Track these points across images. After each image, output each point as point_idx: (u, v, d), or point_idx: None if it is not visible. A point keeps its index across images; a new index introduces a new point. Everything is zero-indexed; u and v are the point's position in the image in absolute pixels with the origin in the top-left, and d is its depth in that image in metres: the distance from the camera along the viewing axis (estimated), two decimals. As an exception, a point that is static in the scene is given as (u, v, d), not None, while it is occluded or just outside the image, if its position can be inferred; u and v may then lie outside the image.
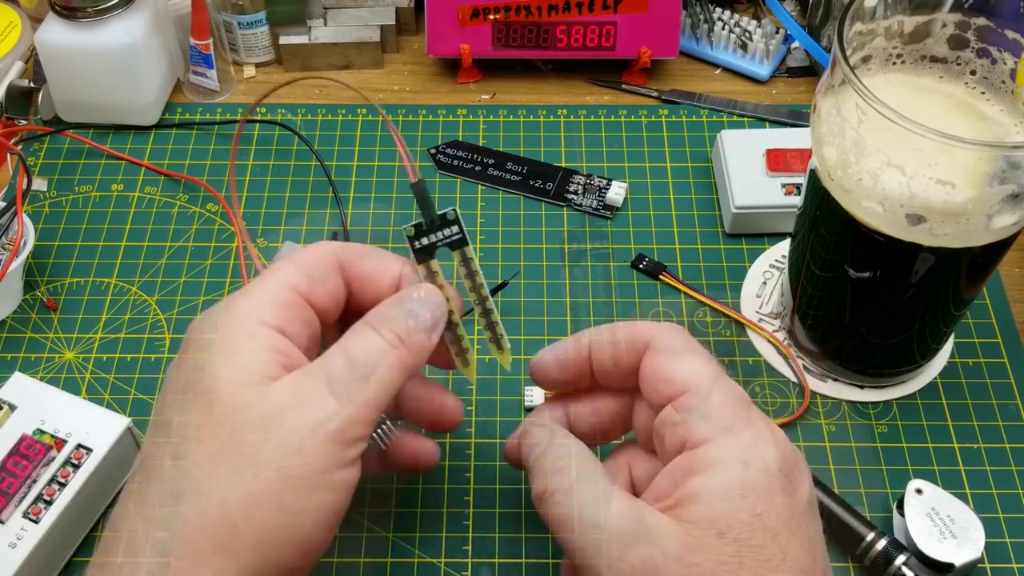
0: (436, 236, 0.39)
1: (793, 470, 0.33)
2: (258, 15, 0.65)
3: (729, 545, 0.31)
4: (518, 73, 0.67)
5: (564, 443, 0.36)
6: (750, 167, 0.57)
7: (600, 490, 0.34)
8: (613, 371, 0.38)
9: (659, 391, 0.35)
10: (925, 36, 0.43)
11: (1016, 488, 0.47)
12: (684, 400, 0.34)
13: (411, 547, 0.45)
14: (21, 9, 0.66)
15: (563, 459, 0.35)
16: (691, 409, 0.34)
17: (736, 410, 0.34)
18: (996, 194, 0.38)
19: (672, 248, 0.57)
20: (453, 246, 0.39)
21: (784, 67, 0.67)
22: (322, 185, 0.60)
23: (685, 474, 0.33)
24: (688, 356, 0.36)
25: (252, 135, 0.63)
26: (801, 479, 0.33)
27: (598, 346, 0.38)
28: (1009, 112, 0.42)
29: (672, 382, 0.35)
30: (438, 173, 0.61)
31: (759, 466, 0.32)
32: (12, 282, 0.53)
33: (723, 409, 0.34)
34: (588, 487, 0.34)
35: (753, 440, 0.33)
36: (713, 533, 0.31)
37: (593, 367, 0.38)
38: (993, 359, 0.52)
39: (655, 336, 0.36)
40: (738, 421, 0.34)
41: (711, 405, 0.34)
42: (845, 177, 0.40)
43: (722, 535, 0.31)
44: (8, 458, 0.43)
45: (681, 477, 0.33)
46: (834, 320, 0.48)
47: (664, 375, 0.35)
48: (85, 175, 0.60)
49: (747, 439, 0.33)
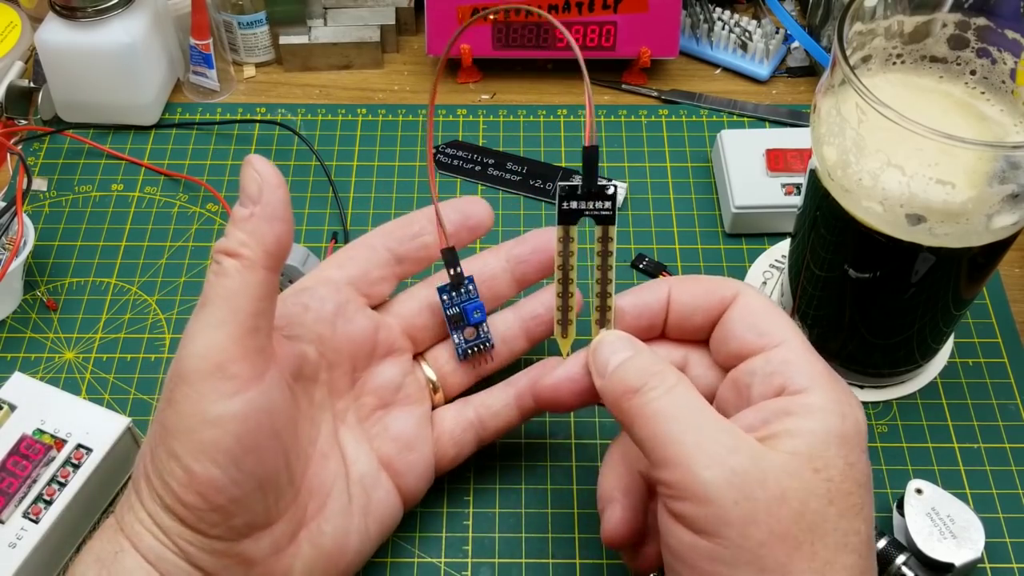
0: (587, 204, 0.38)
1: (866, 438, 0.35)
2: (258, 15, 0.65)
3: (823, 483, 0.32)
4: (518, 73, 0.67)
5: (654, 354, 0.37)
6: (750, 167, 0.57)
7: (700, 398, 0.35)
8: (694, 318, 0.39)
9: (749, 342, 0.36)
10: (925, 36, 0.43)
11: (1016, 488, 0.47)
12: (779, 352, 0.36)
13: (411, 547, 0.45)
14: (21, 9, 0.66)
15: (660, 365, 0.36)
16: (787, 360, 0.35)
17: (826, 369, 0.35)
18: (996, 194, 0.38)
19: (672, 248, 0.57)
20: (599, 220, 0.38)
21: (784, 67, 0.67)
22: (322, 185, 0.60)
23: (781, 414, 0.34)
24: (778, 314, 0.37)
25: (252, 135, 0.63)
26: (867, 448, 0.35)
27: (681, 291, 0.39)
28: (1009, 112, 0.42)
29: (765, 334, 0.36)
30: (438, 173, 0.61)
31: (854, 422, 0.34)
32: (12, 282, 0.53)
33: (817, 365, 0.35)
34: (687, 390, 0.35)
35: (848, 398, 0.35)
36: (809, 468, 0.32)
37: (670, 314, 0.39)
38: (993, 359, 0.52)
39: (743, 291, 0.38)
40: (832, 379, 0.35)
41: (807, 360, 0.35)
42: (845, 177, 0.40)
43: (817, 472, 0.32)
44: (8, 458, 0.43)
45: (775, 416, 0.34)
46: (834, 320, 0.48)
47: (754, 325, 0.37)
48: (85, 175, 0.60)
49: (843, 396, 0.34)
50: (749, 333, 0.37)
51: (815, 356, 0.36)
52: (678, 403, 0.34)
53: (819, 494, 0.32)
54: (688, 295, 0.39)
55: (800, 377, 0.35)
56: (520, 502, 0.47)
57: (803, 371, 0.35)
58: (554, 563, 0.45)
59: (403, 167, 0.61)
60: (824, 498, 0.32)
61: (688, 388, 0.35)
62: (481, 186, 0.60)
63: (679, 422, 0.33)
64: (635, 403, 0.34)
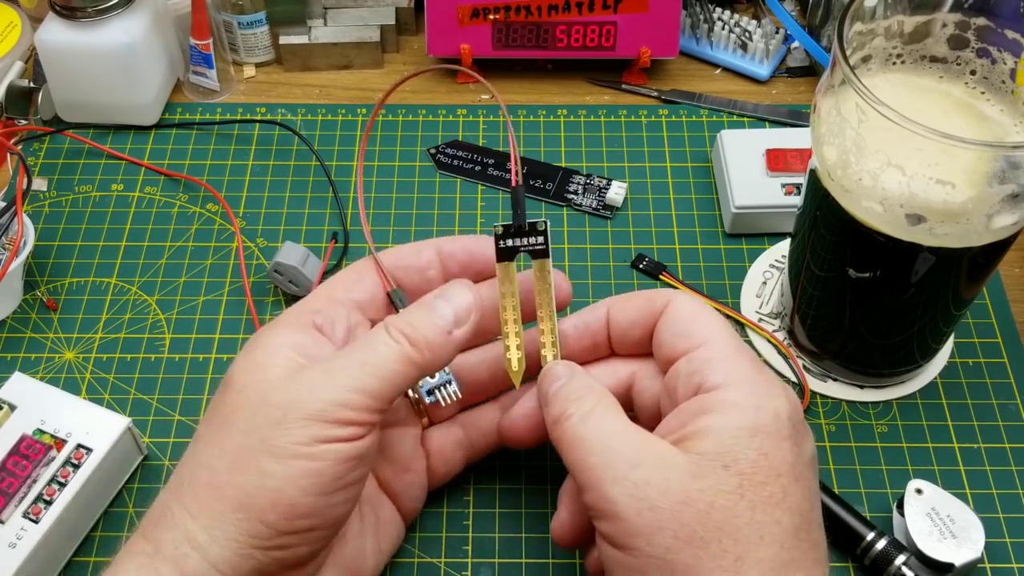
0: (522, 240, 0.41)
1: (800, 424, 0.35)
2: (258, 15, 0.65)
3: (733, 477, 0.33)
4: (518, 73, 0.67)
5: (585, 378, 0.38)
6: (750, 167, 0.57)
7: (614, 418, 0.36)
8: (632, 333, 0.40)
9: (675, 346, 0.37)
10: (925, 36, 0.43)
11: (1016, 488, 0.47)
12: (700, 351, 0.37)
13: (411, 547, 0.45)
14: (21, 9, 0.66)
15: (583, 390, 0.37)
16: (707, 359, 0.36)
17: (750, 363, 0.36)
18: (996, 194, 0.38)
19: (672, 248, 0.57)
20: (535, 255, 0.41)
21: (784, 67, 0.67)
22: (322, 185, 0.60)
23: (696, 414, 0.35)
24: (704, 316, 0.38)
25: (252, 135, 0.63)
26: (806, 435, 0.35)
27: (618, 308, 0.40)
28: (1009, 112, 0.42)
29: (689, 336, 0.37)
30: (438, 173, 0.61)
31: (770, 411, 0.34)
32: (12, 282, 0.53)
33: (738, 361, 0.36)
34: (603, 413, 0.36)
35: (766, 389, 0.35)
36: (719, 465, 0.33)
37: (611, 331, 0.40)
38: (993, 359, 0.52)
39: (673, 298, 0.39)
40: (752, 372, 0.36)
41: (726, 356, 0.36)
42: (845, 177, 0.40)
43: (727, 468, 0.33)
44: (8, 458, 0.43)
45: (691, 416, 0.35)
46: (834, 320, 0.48)
47: (681, 330, 0.38)
48: (85, 175, 0.60)
49: (760, 387, 0.35)
50: (676, 338, 0.38)
51: (739, 352, 0.36)
52: (590, 427, 0.36)
53: (728, 490, 0.32)
54: (624, 311, 0.40)
55: (716, 374, 0.35)
56: (520, 502, 0.47)
57: (720, 368, 0.36)
58: (554, 563, 0.45)
59: (403, 167, 0.61)
60: (734, 493, 0.32)
61: (604, 409, 0.36)
62: (481, 186, 0.60)
63: (590, 447, 0.35)
64: (557, 432, 0.37)
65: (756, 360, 0.37)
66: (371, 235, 0.45)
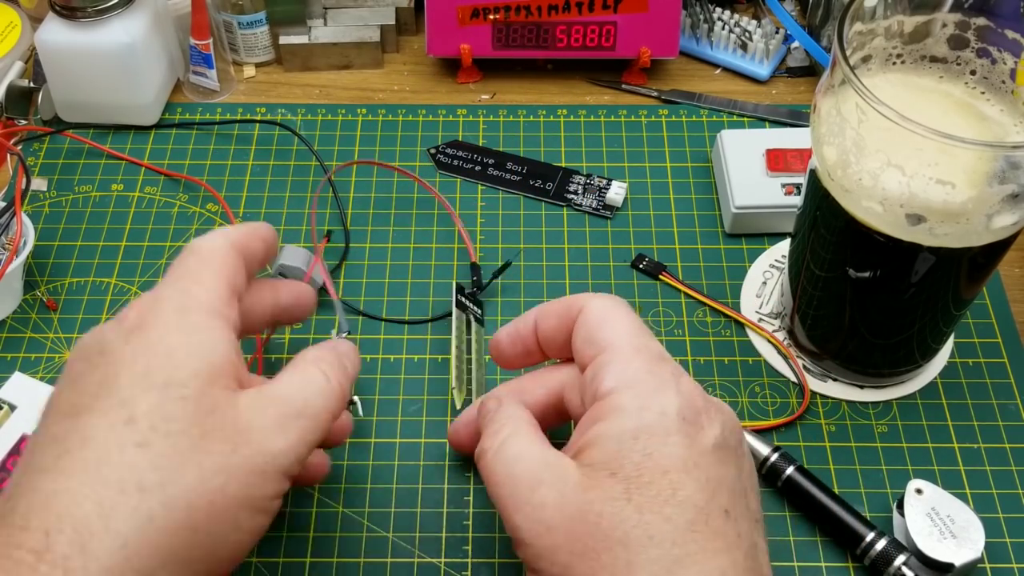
0: (470, 304, 0.52)
1: (699, 415, 0.34)
2: (258, 15, 0.65)
3: (620, 483, 0.33)
4: (518, 73, 0.67)
5: (507, 409, 0.38)
6: (750, 167, 0.57)
7: (522, 445, 0.36)
8: (556, 339, 0.40)
9: (584, 353, 0.37)
10: (925, 36, 0.43)
11: (1016, 488, 0.47)
12: (601, 357, 0.36)
13: (411, 547, 0.45)
14: (21, 9, 0.66)
15: (500, 422, 0.37)
16: (604, 364, 0.36)
17: (646, 364, 0.35)
18: (996, 194, 0.38)
19: (672, 248, 0.57)
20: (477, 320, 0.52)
21: (784, 67, 0.67)
22: (322, 185, 0.60)
23: (589, 424, 0.35)
24: (610, 320, 0.37)
25: (252, 135, 0.63)
26: (709, 424, 0.34)
27: (543, 316, 0.40)
28: (1009, 112, 0.42)
29: (593, 343, 0.37)
30: (438, 173, 0.61)
31: (655, 411, 0.34)
32: (12, 282, 0.53)
33: (632, 363, 0.35)
34: (514, 442, 0.36)
35: (653, 389, 0.35)
36: (606, 473, 0.33)
37: (540, 338, 0.41)
38: (993, 359, 0.52)
39: (586, 303, 0.38)
40: (642, 373, 0.35)
41: (622, 361, 0.36)
42: (845, 177, 0.40)
43: (614, 474, 0.33)
44: (8, 458, 0.43)
45: (587, 426, 0.35)
46: (834, 320, 0.48)
47: (587, 337, 0.37)
48: (85, 175, 0.60)
49: (647, 388, 0.35)
50: (584, 345, 0.38)
51: (636, 353, 0.36)
52: (500, 459, 0.36)
53: (615, 496, 0.32)
54: (547, 318, 0.40)
55: (608, 379, 0.35)
56: (520, 502, 0.47)
57: (612, 373, 0.35)
58: (554, 563, 0.45)
59: (403, 167, 0.61)
60: (622, 499, 0.32)
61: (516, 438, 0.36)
62: (481, 186, 0.60)
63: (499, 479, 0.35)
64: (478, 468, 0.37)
65: (655, 357, 0.36)
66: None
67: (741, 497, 0.34)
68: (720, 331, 0.53)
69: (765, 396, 0.50)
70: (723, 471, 0.34)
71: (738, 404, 0.50)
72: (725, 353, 0.52)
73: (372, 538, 0.45)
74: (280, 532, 0.45)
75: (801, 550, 0.45)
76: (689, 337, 0.53)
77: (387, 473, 0.47)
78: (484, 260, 0.56)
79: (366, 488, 0.47)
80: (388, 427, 0.49)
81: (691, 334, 0.53)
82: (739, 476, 0.35)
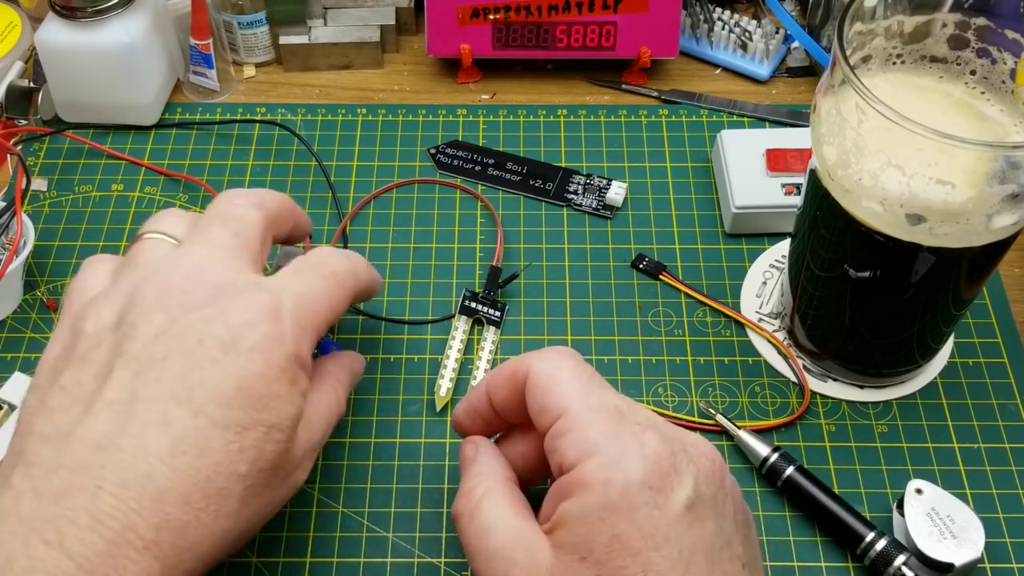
0: (482, 308, 0.53)
1: (667, 477, 0.33)
2: (258, 15, 0.65)
3: (590, 569, 0.32)
4: (518, 73, 0.67)
5: (481, 463, 0.38)
6: (750, 167, 0.57)
7: (498, 513, 0.35)
8: (512, 407, 0.38)
9: (540, 422, 0.36)
10: (925, 36, 0.43)
11: (1016, 488, 0.47)
12: (557, 425, 0.35)
13: (411, 547, 0.45)
14: (21, 9, 0.66)
15: (474, 480, 0.37)
16: (562, 434, 0.34)
17: (604, 426, 0.34)
18: (996, 194, 0.38)
19: (672, 248, 0.57)
20: (489, 322, 0.52)
21: (784, 67, 0.67)
22: (322, 185, 0.60)
23: (558, 498, 0.34)
24: (557, 381, 0.36)
25: (252, 135, 0.63)
26: (679, 485, 0.33)
27: (494, 388, 0.39)
28: (1009, 112, 0.42)
29: (546, 410, 0.35)
30: (438, 173, 0.61)
31: (619, 484, 0.32)
32: (12, 282, 0.53)
33: (591, 429, 0.34)
34: (487, 508, 0.35)
35: (615, 457, 0.33)
36: (577, 558, 0.32)
37: (496, 409, 0.39)
38: (993, 359, 0.52)
39: (530, 367, 0.37)
40: (603, 439, 0.34)
41: (580, 427, 0.34)
42: (845, 177, 0.40)
43: (584, 559, 0.32)
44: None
45: (555, 500, 0.34)
46: (834, 320, 0.48)
47: (539, 405, 0.36)
48: (85, 175, 0.60)
49: (609, 458, 0.33)
50: (538, 414, 0.36)
51: (594, 416, 0.34)
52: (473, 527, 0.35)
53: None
54: (498, 390, 0.39)
55: (570, 451, 0.34)
56: (520, 502, 0.47)
57: (572, 444, 0.34)
58: (554, 563, 0.45)
59: (403, 167, 0.61)
60: None
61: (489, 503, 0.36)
62: (481, 186, 0.60)
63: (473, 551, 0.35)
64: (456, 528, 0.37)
65: (612, 416, 0.34)
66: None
67: (724, 548, 0.33)
68: (720, 331, 0.53)
69: (765, 396, 0.50)
70: (699, 533, 0.33)
71: (738, 404, 0.50)
72: (725, 353, 0.52)
73: (372, 538, 0.45)
74: (280, 532, 0.45)
75: (801, 550, 0.45)
76: (689, 337, 0.53)
77: (387, 473, 0.47)
78: (484, 260, 0.56)
79: (366, 488, 0.47)
80: (388, 427, 0.49)
81: (691, 334, 0.53)
82: (720, 527, 0.33)
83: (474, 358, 0.51)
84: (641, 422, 0.34)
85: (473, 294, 0.52)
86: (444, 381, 0.50)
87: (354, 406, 0.50)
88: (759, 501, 0.47)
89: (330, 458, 0.48)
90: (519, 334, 0.53)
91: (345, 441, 0.48)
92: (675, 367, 0.51)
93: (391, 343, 0.52)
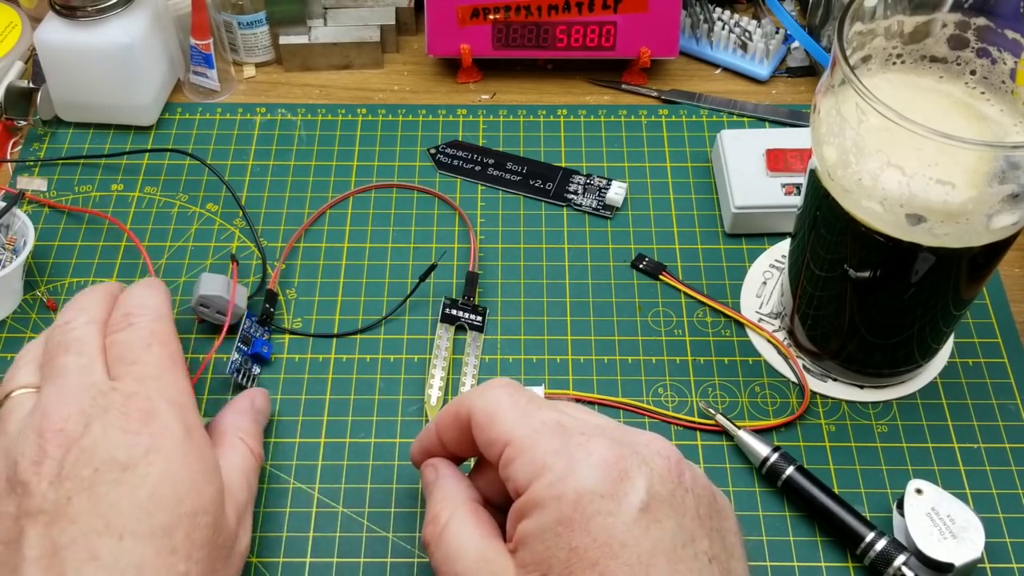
0: (463, 313, 0.52)
1: (617, 482, 0.33)
2: (258, 15, 0.65)
3: None
4: (518, 73, 0.67)
5: (444, 487, 0.39)
6: (750, 167, 0.57)
7: (464, 536, 0.36)
8: (463, 445, 0.39)
9: (490, 455, 0.37)
10: (925, 36, 0.43)
11: (1016, 488, 0.47)
12: (505, 455, 0.35)
13: (411, 547, 0.45)
14: (21, 9, 0.66)
15: (439, 504, 0.38)
16: (511, 461, 0.35)
17: (549, 444, 0.34)
18: (996, 194, 0.38)
19: (672, 248, 0.57)
20: (471, 327, 0.52)
21: (784, 67, 0.67)
22: (322, 185, 0.60)
23: (516, 519, 0.34)
24: (497, 413, 0.36)
25: (252, 135, 0.63)
26: (631, 488, 0.33)
27: (442, 429, 0.40)
28: (1009, 112, 0.42)
29: (493, 443, 0.36)
30: (438, 173, 0.61)
31: (571, 497, 0.33)
32: (12, 282, 0.53)
33: (535, 450, 0.34)
34: (453, 531, 0.36)
35: (563, 471, 0.33)
36: (538, 575, 0.33)
37: (447, 448, 0.40)
38: (993, 359, 0.52)
39: (472, 406, 0.37)
40: (549, 457, 0.34)
41: (525, 450, 0.35)
42: (845, 177, 0.40)
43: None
44: (8, 458, 0.43)
45: (514, 521, 0.35)
46: (834, 320, 0.48)
47: (485, 439, 0.37)
48: (85, 175, 0.60)
49: (557, 473, 0.33)
50: (486, 447, 0.37)
51: (537, 438, 0.35)
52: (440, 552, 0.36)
53: None
54: (446, 429, 0.39)
55: (520, 475, 0.34)
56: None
57: (523, 467, 0.34)
58: (554, 563, 0.45)
59: (403, 167, 0.61)
60: None
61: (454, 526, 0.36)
62: (481, 186, 0.60)
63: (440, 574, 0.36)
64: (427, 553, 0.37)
65: (554, 432, 0.35)
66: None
67: (687, 546, 0.33)
68: (720, 331, 0.53)
69: (765, 396, 0.50)
70: (657, 535, 0.32)
71: (738, 404, 0.50)
72: (725, 353, 0.52)
73: (372, 538, 0.45)
74: (280, 532, 0.45)
75: (801, 550, 0.45)
76: (689, 337, 0.53)
77: (387, 473, 0.47)
78: (484, 260, 0.56)
79: (366, 488, 0.47)
80: (388, 427, 0.49)
81: (691, 334, 0.53)
82: (680, 525, 0.33)
83: (462, 362, 0.51)
84: (587, 432, 0.35)
85: (452, 301, 0.52)
86: (433, 391, 0.50)
87: (354, 406, 0.50)
88: (759, 501, 0.47)
89: (330, 458, 0.48)
90: (519, 334, 0.53)
91: (345, 441, 0.48)
92: (675, 367, 0.51)
93: (391, 343, 0.52)
